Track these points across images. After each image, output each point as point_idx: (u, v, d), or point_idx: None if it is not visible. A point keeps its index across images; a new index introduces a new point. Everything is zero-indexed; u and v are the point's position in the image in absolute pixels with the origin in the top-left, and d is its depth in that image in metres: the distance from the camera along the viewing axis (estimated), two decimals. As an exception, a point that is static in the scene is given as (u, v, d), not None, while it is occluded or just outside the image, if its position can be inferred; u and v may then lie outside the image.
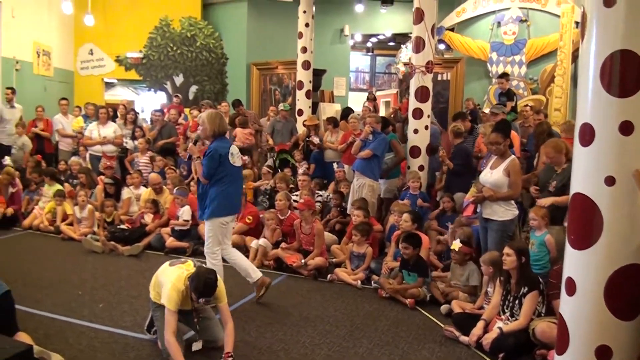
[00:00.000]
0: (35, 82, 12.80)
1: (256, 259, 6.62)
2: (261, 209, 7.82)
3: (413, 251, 5.57)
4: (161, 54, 13.61)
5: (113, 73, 14.57)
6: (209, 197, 4.99)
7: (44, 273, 6.19)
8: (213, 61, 13.77)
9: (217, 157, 4.91)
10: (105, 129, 9.68)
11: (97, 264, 6.65)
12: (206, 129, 5.01)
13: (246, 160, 9.31)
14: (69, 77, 14.46)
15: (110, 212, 7.86)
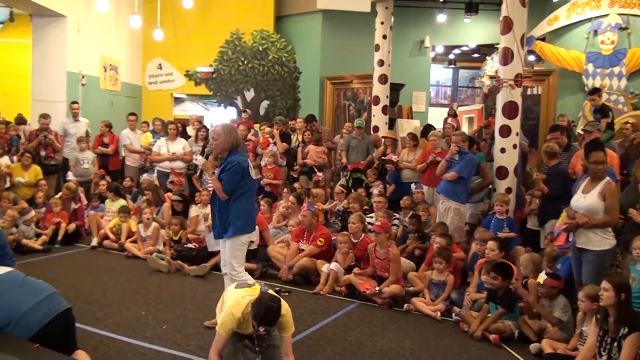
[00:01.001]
0: (101, 97, 13.49)
1: (327, 284, 6.61)
2: (333, 231, 7.82)
3: (502, 282, 5.40)
4: (232, 68, 14.02)
5: (182, 88, 15.16)
6: (232, 214, 4.91)
7: (107, 291, 6.41)
8: (285, 75, 14.04)
9: (240, 171, 4.87)
10: (175, 145, 10.02)
11: (162, 283, 6.83)
12: (224, 141, 4.93)
13: (320, 177, 9.39)
14: (136, 91, 15.16)
15: (177, 231, 8.09)
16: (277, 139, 10.23)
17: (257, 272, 7.10)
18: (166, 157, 9.98)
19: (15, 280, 3.86)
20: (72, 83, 12.51)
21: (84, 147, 10.54)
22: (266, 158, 9.77)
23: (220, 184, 4.88)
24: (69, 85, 12.41)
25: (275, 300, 3.91)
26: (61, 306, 3.81)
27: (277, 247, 7.52)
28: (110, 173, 10.82)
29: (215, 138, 4.95)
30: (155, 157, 10.12)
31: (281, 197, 9.04)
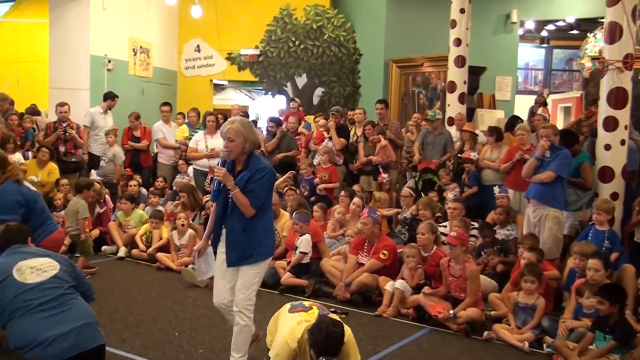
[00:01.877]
0: (131, 84, 13.82)
1: (391, 305, 6.58)
2: (399, 242, 7.78)
3: (610, 308, 5.24)
4: (281, 50, 14.14)
5: (223, 73, 15.38)
6: (259, 233, 4.64)
7: (134, 308, 6.56)
8: (343, 58, 14.07)
9: (274, 179, 4.80)
10: (214, 140, 10.12)
11: (198, 300, 6.93)
12: (243, 142, 4.56)
13: (384, 178, 9.36)
14: (171, 78, 15.46)
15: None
16: (333, 133, 10.25)
17: (308, 289, 7.14)
18: (204, 154, 10.16)
19: (50, 295, 4.00)
20: (97, 68, 12.87)
21: (112, 141, 10.82)
22: (320, 155, 9.80)
23: (247, 199, 4.53)
24: (93, 71, 12.76)
25: (336, 325, 3.88)
26: (91, 343, 3.94)
27: (332, 261, 7.55)
28: (141, 171, 11.08)
29: (233, 138, 4.55)
30: (192, 154, 10.30)
31: (337, 201, 9.06)
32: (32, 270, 4.19)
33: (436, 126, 10.04)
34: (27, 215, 5.68)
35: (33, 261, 4.27)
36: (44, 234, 5.77)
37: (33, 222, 5.63)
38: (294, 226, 7.70)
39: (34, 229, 5.50)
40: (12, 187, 5.83)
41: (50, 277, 4.19)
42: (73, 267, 4.49)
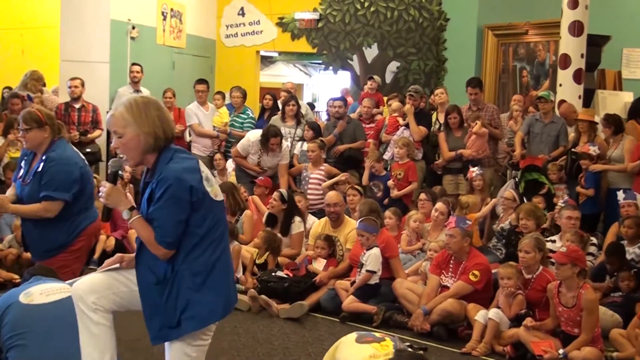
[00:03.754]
0: (159, 56, 14.00)
1: (483, 340, 6.53)
2: (494, 261, 7.71)
3: None
4: (346, 14, 14.17)
5: (273, 43, 15.46)
6: (184, 286, 3.92)
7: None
8: (425, 24, 14.00)
9: (188, 193, 3.84)
10: (271, 158, 10.21)
11: (239, 327, 7.01)
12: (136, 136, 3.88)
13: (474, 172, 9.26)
14: (208, 48, 15.61)
15: (264, 251, 8.29)
16: (411, 120, 10.21)
17: (377, 317, 7.13)
18: (252, 168, 10.28)
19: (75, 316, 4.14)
20: (118, 36, 13.04)
21: None
22: (395, 148, 9.77)
23: (149, 230, 3.88)
24: (114, 40, 12.90)
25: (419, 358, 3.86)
26: None
27: (408, 282, 7.52)
28: None
29: (120, 132, 3.90)
30: (238, 160, 10.43)
31: (414, 206, 8.99)
32: (42, 292, 4.41)
33: (546, 111, 9.89)
34: (76, 194, 5.57)
35: (45, 285, 4.49)
36: (87, 222, 5.81)
37: (80, 205, 5.67)
38: (358, 237, 7.69)
39: (78, 213, 5.61)
40: (70, 152, 5.75)
41: (62, 298, 4.36)
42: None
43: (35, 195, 5.42)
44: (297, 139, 10.65)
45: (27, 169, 5.62)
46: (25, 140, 5.57)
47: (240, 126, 11.51)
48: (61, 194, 5.41)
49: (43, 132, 5.49)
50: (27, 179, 5.55)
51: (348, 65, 14.51)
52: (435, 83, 13.53)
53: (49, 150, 5.52)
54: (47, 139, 5.55)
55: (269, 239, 8.32)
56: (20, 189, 5.56)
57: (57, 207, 5.41)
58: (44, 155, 5.50)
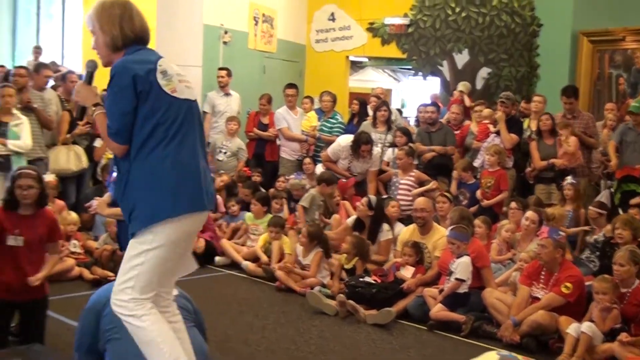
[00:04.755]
0: (250, 60, 14.12)
1: (575, 354, 6.37)
2: (587, 273, 7.53)
3: None
4: (437, 19, 14.05)
5: (363, 48, 15.43)
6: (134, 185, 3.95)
7: (248, 336, 6.69)
8: (517, 29, 13.76)
9: (130, 82, 3.84)
10: (361, 164, 10.27)
11: (326, 331, 7.00)
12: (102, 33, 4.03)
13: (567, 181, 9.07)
14: (298, 53, 15.68)
15: (353, 256, 8.25)
16: (502, 127, 10.08)
17: (466, 327, 7.03)
18: (342, 173, 10.29)
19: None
20: (211, 41, 13.23)
21: (234, 129, 11.17)
22: (485, 155, 9.65)
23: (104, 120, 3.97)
24: (207, 44, 13.13)
25: None
26: None
27: (497, 292, 7.40)
28: (265, 166, 11.43)
29: (91, 32, 4.09)
30: (328, 165, 10.44)
31: (505, 215, 8.87)
32: None
33: (637, 123, 9.63)
34: None
35: None
36: None
37: None
38: (449, 245, 7.61)
39: None
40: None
41: None
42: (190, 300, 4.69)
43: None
44: (387, 145, 10.59)
45: None
46: None
47: (329, 131, 11.53)
48: None
49: None
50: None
51: (438, 71, 14.38)
52: (527, 90, 13.28)
53: None
54: None
55: (358, 244, 8.29)
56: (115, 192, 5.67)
57: None
58: None
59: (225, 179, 10.64)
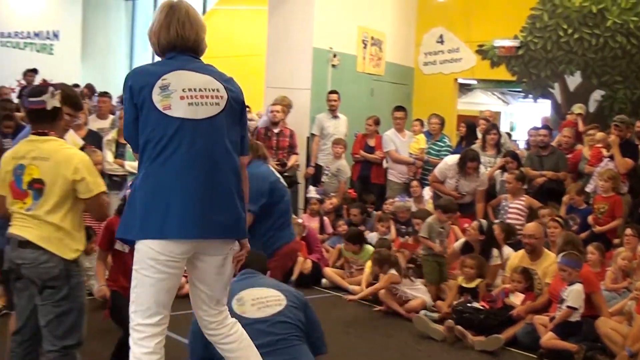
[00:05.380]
0: (358, 83, 14.17)
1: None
2: None
3: None
4: (548, 41, 13.81)
5: (472, 71, 15.29)
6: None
7: (351, 358, 6.72)
8: (633, 51, 13.40)
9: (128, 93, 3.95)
10: (468, 183, 10.17)
11: (433, 356, 6.98)
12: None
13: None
14: (406, 76, 15.65)
15: (472, 277, 8.11)
16: (616, 151, 9.81)
17: (578, 356, 6.82)
18: (449, 193, 10.13)
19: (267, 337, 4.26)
20: (320, 64, 13.32)
21: (340, 152, 11.22)
22: (599, 181, 9.41)
23: None
24: (316, 67, 13.23)
25: None
26: None
27: (612, 321, 7.16)
28: (371, 188, 11.41)
29: None
30: (436, 185, 10.39)
31: (620, 241, 8.62)
32: (254, 302, 4.41)
33: None
34: (267, 210, 5.81)
35: (258, 291, 4.50)
36: (280, 242, 5.94)
37: (270, 222, 5.83)
38: (560, 272, 7.41)
39: (270, 230, 5.75)
40: (265, 169, 6.07)
41: (273, 314, 4.39)
42: (306, 306, 4.65)
43: None
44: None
45: None
46: None
47: (436, 154, 11.47)
48: (249, 205, 5.55)
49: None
50: None
51: (548, 93, 14.11)
52: (642, 113, 12.92)
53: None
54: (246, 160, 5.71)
55: (481, 265, 8.18)
56: None
57: (248, 220, 5.54)
58: None
59: (335, 201, 10.70)
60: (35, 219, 4.42)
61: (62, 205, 4.45)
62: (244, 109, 4.14)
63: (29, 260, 4.39)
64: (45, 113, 4.49)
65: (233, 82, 4.14)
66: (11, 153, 4.59)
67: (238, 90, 4.12)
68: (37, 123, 4.59)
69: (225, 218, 3.92)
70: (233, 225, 3.97)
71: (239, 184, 4.03)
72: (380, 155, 11.71)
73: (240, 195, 4.03)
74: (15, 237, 4.44)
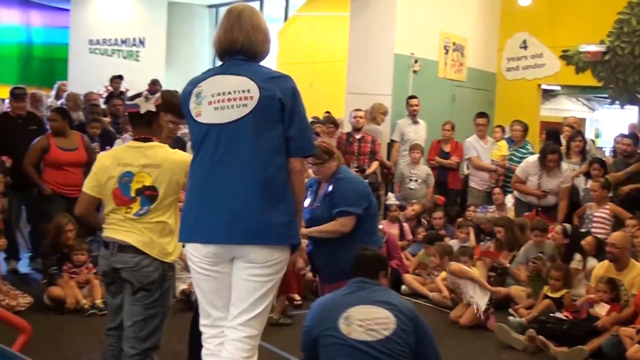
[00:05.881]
0: (439, 89, 14.09)
1: None
2: None
3: None
4: (636, 46, 13.52)
5: (556, 76, 15.04)
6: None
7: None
8: None
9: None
10: (551, 179, 10.00)
11: (514, 368, 6.88)
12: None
13: None
14: (488, 82, 15.49)
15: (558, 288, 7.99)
16: None
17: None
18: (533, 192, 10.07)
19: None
20: (401, 70, 13.29)
21: (417, 157, 11.17)
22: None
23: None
24: (397, 73, 13.20)
25: None
26: None
27: None
28: (447, 194, 11.36)
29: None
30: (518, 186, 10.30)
31: None
32: (361, 323, 4.44)
33: None
34: (365, 214, 5.78)
35: (368, 310, 4.50)
36: (376, 245, 5.91)
37: (366, 226, 5.81)
38: (646, 282, 7.28)
39: (368, 233, 5.76)
40: (354, 174, 6.16)
41: (380, 339, 4.39)
42: (416, 324, 4.63)
43: (327, 215, 5.61)
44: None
45: (314, 197, 5.81)
46: (320, 173, 5.75)
47: (518, 160, 11.25)
48: (355, 208, 5.57)
49: (334, 162, 5.68)
50: (315, 204, 5.74)
51: (636, 99, 13.80)
52: None
53: (335, 174, 5.72)
54: (336, 167, 5.75)
55: (567, 275, 8.04)
56: (309, 215, 5.72)
57: (352, 222, 5.56)
58: (332, 179, 5.69)
59: (417, 208, 10.66)
60: (140, 224, 4.56)
61: (169, 209, 4.63)
62: (284, 107, 3.95)
63: (131, 264, 4.53)
64: (139, 116, 4.63)
65: (277, 81, 3.99)
66: (113, 159, 4.70)
67: (279, 89, 3.95)
68: (135, 127, 4.75)
69: (249, 223, 3.90)
70: (259, 230, 3.90)
71: (272, 188, 3.94)
72: (456, 161, 11.63)
73: (272, 200, 3.93)
74: (115, 241, 4.57)
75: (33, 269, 9.35)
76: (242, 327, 3.96)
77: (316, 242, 5.75)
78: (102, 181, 4.63)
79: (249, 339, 3.97)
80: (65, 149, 8.78)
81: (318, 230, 5.64)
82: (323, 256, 5.75)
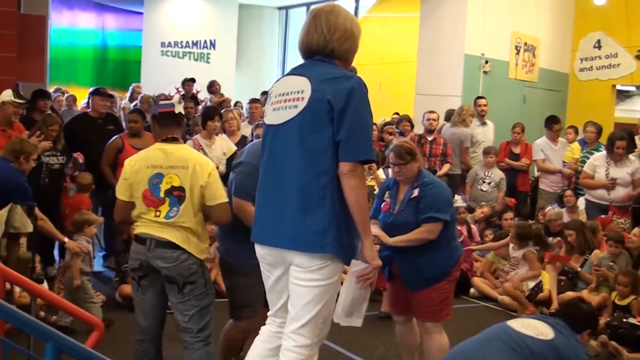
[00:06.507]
0: (510, 90, 14.01)
1: None
2: None
3: None
4: None
5: (631, 77, 14.78)
6: None
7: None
8: None
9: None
10: (619, 169, 9.82)
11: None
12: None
13: None
14: (561, 82, 15.29)
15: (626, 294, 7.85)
16: None
17: None
18: (602, 183, 9.84)
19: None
20: (471, 70, 13.23)
21: (492, 160, 11.04)
22: None
23: None
24: (467, 74, 13.13)
25: None
26: None
27: None
28: (516, 196, 11.25)
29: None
30: (586, 182, 10.08)
31: None
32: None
33: None
34: (451, 219, 5.73)
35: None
36: (459, 250, 5.78)
37: (451, 230, 5.69)
38: None
39: (451, 240, 5.69)
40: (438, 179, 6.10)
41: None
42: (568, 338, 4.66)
43: (411, 221, 5.49)
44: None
45: (394, 200, 5.70)
46: (402, 174, 5.64)
47: (591, 163, 11.11)
48: (443, 214, 5.46)
49: (416, 163, 5.60)
50: (399, 208, 5.63)
51: None
52: None
53: (420, 177, 5.61)
54: (417, 169, 5.65)
55: (635, 281, 7.84)
56: (391, 219, 5.63)
57: (439, 229, 5.46)
58: (417, 182, 5.59)
59: (486, 210, 10.54)
60: (170, 224, 4.67)
61: (198, 213, 4.74)
62: (333, 110, 3.78)
63: (171, 260, 4.63)
64: (173, 115, 4.83)
65: (333, 82, 3.85)
66: (142, 161, 4.83)
67: (331, 90, 3.81)
68: (166, 127, 4.85)
69: (287, 228, 3.87)
70: (294, 236, 3.85)
71: (309, 193, 3.84)
72: (527, 163, 11.49)
73: (309, 205, 3.84)
74: (153, 237, 4.67)
75: (106, 267, 9.51)
76: (293, 336, 3.91)
77: (394, 247, 5.60)
78: (134, 185, 4.75)
79: (300, 348, 3.89)
80: (139, 149, 8.88)
81: (403, 240, 5.48)
82: (403, 263, 5.59)
